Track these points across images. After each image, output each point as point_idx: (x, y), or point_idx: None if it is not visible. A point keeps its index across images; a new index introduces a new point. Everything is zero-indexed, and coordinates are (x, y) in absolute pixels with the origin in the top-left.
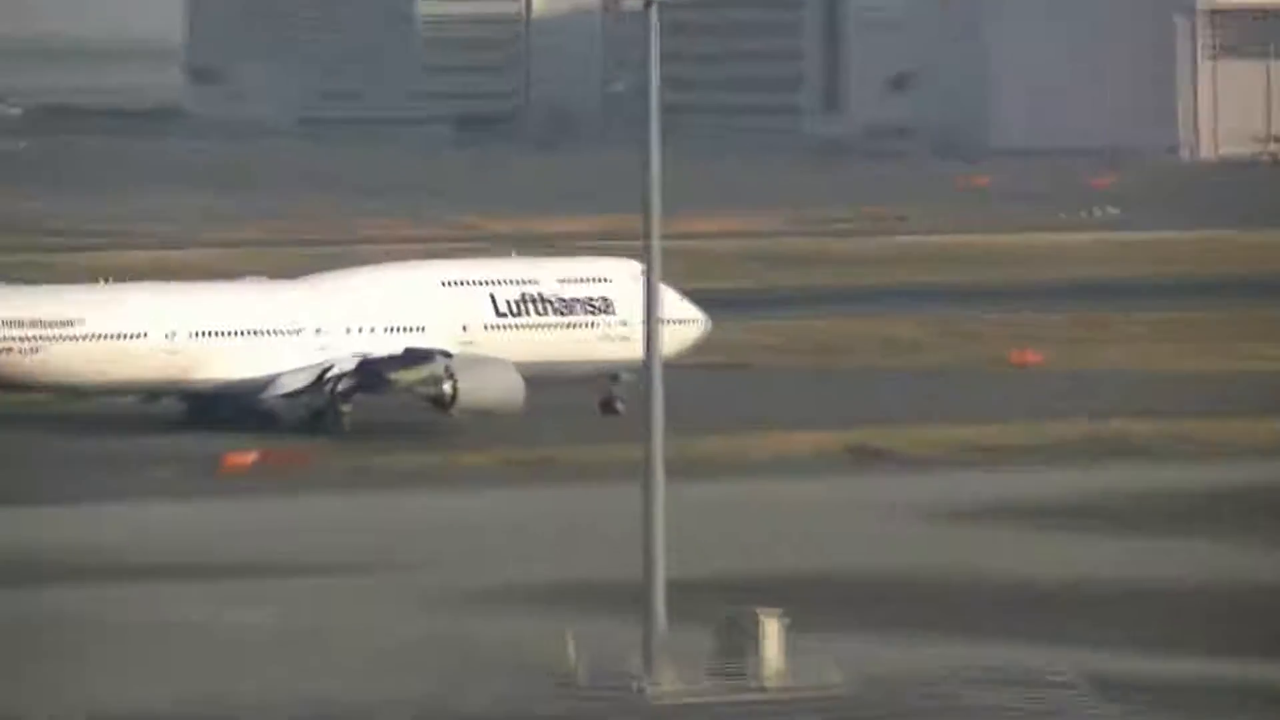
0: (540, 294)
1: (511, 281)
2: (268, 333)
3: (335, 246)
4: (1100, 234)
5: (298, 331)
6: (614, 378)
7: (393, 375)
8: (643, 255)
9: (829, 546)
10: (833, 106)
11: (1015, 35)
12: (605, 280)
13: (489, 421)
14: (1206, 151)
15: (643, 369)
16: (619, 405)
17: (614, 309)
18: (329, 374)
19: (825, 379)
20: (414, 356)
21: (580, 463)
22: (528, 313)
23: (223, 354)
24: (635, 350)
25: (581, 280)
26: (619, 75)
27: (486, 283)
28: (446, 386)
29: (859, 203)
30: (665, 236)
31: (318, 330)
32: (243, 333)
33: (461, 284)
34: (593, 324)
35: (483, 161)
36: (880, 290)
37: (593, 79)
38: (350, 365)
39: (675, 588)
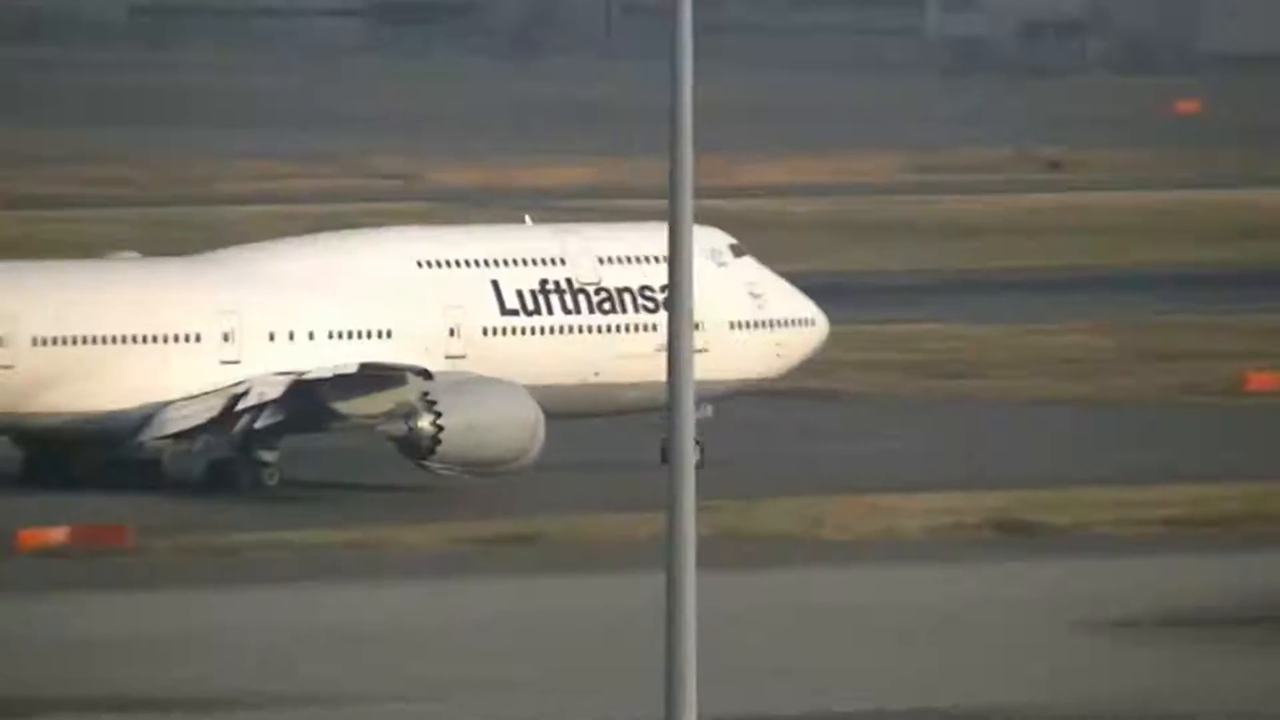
0: (570, 280)
1: (525, 261)
2: (148, 339)
3: (174, 206)
4: None
5: (194, 338)
6: None
7: (340, 405)
8: (676, 219)
9: (975, 674)
10: None
11: None
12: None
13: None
14: None
15: (670, 398)
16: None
17: None
18: (243, 403)
19: (950, 414)
20: (374, 377)
21: (585, 540)
22: (549, 309)
23: (79, 373)
24: (717, 367)
25: (633, 259)
26: None
27: (487, 263)
28: (423, 423)
29: (1004, 140)
30: (707, 192)
31: (225, 336)
32: (110, 339)
33: (449, 264)
34: (651, 326)
35: (420, 73)
36: (1037, 277)
37: None
38: (275, 390)
39: None
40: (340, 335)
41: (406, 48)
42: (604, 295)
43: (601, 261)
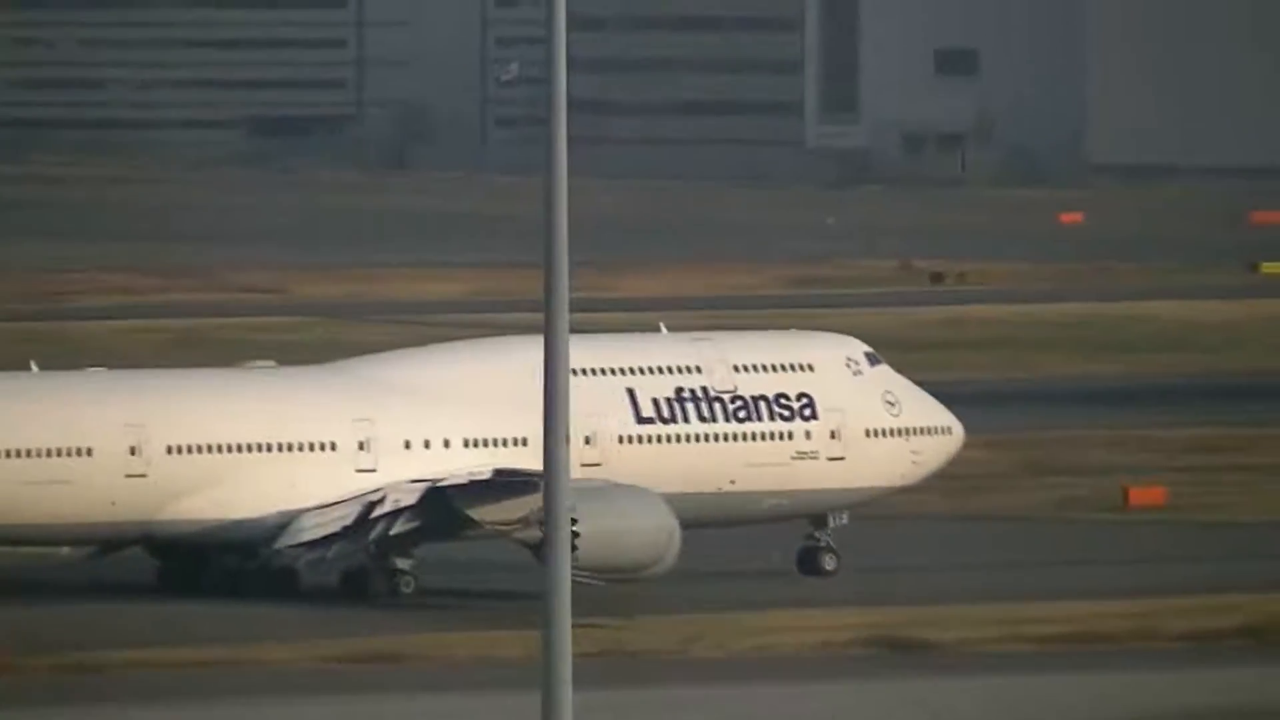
0: (706, 389)
1: (661, 369)
2: (283, 448)
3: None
4: (1272, 301)
5: (330, 445)
6: (818, 520)
7: (474, 512)
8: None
9: None
10: (846, 104)
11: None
12: (806, 368)
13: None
14: None
15: (546, 511)
16: (827, 562)
17: (819, 412)
18: (377, 510)
19: (837, 531)
20: (509, 484)
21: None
22: (685, 417)
23: (214, 480)
24: (852, 476)
25: (770, 368)
26: (512, 59)
27: (622, 371)
28: None
29: (883, 253)
30: (584, 305)
31: (361, 444)
32: (245, 448)
33: (584, 372)
34: (786, 435)
35: (292, 185)
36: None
37: (469, 63)
38: (410, 497)
39: None
40: (475, 443)
41: (279, 160)
42: (739, 403)
43: (736, 369)
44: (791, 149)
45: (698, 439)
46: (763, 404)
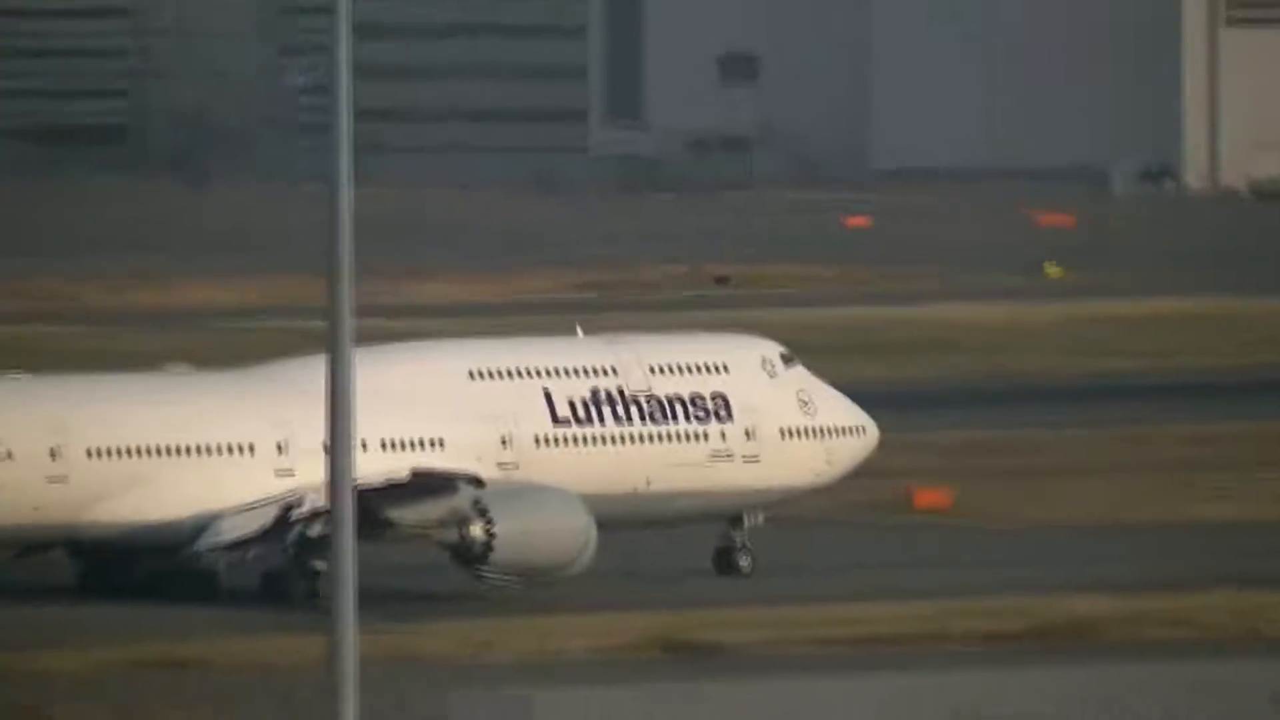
0: (622, 390)
1: (577, 371)
2: (201, 450)
3: None
4: (1056, 304)
5: (248, 448)
6: (735, 520)
7: (393, 513)
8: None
9: None
10: (630, 110)
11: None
12: (721, 369)
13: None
14: (1200, 178)
15: (333, 518)
16: (743, 562)
17: (735, 413)
18: (295, 513)
19: (624, 537)
20: (426, 485)
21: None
22: (602, 419)
23: (132, 482)
24: (767, 476)
25: (686, 369)
26: (300, 65)
27: (539, 373)
28: (475, 530)
29: (673, 257)
30: (372, 311)
31: (279, 446)
32: (162, 451)
33: (501, 375)
34: (702, 435)
35: (77, 195)
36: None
37: (249, 67)
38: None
39: None
40: (393, 446)
41: (63, 170)
42: (655, 404)
43: (652, 371)
44: (577, 155)
45: (614, 440)
46: (678, 405)
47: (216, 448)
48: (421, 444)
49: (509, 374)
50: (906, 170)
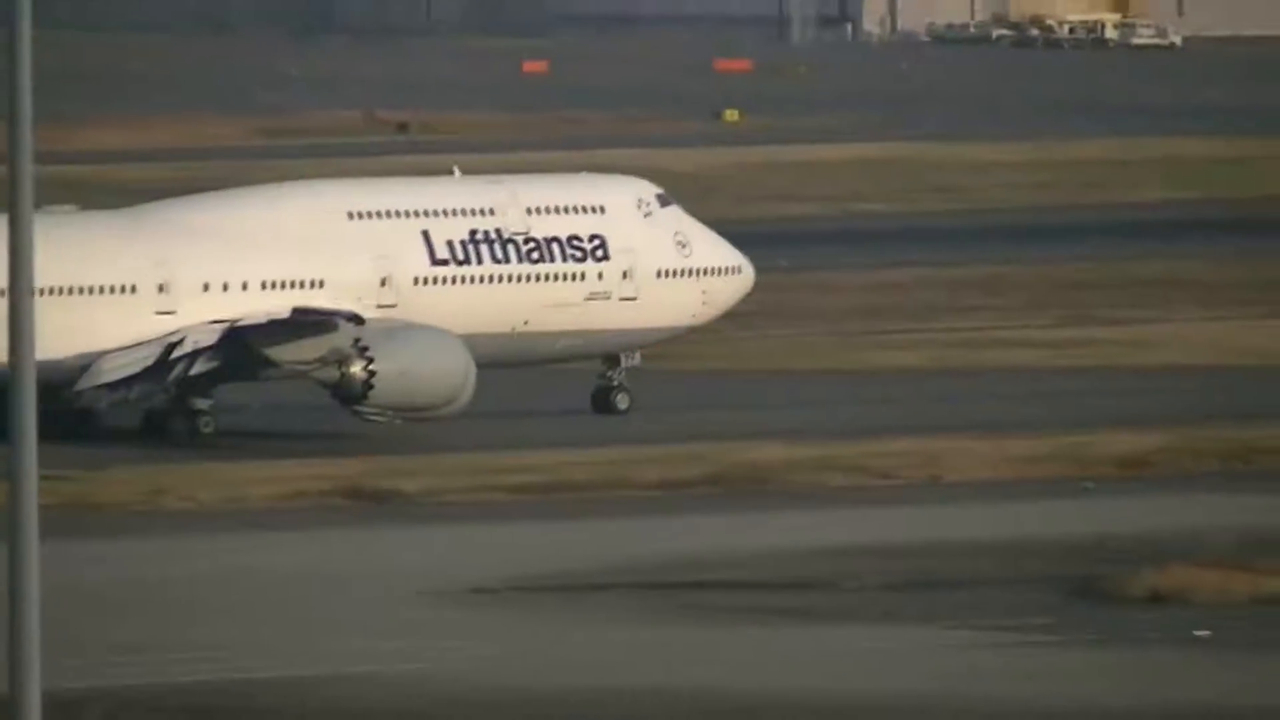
0: (500, 230)
1: (457, 212)
2: (83, 291)
3: None
4: (734, 149)
5: (130, 288)
6: (611, 360)
7: (273, 352)
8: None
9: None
10: None
11: None
12: (597, 209)
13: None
14: (878, 23)
15: (12, 372)
16: (620, 400)
17: (611, 253)
18: (177, 351)
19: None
20: (306, 323)
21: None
22: (479, 259)
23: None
24: (644, 316)
25: (562, 210)
26: None
27: (418, 214)
28: (355, 368)
29: (348, 104)
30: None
31: (160, 286)
32: (45, 291)
33: (380, 215)
34: (579, 275)
35: None
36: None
37: None
38: (210, 338)
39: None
40: (273, 285)
41: None
42: (532, 244)
43: (530, 212)
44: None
45: (492, 280)
46: (555, 245)
47: (97, 288)
48: (301, 284)
49: (388, 214)
50: (586, 16)
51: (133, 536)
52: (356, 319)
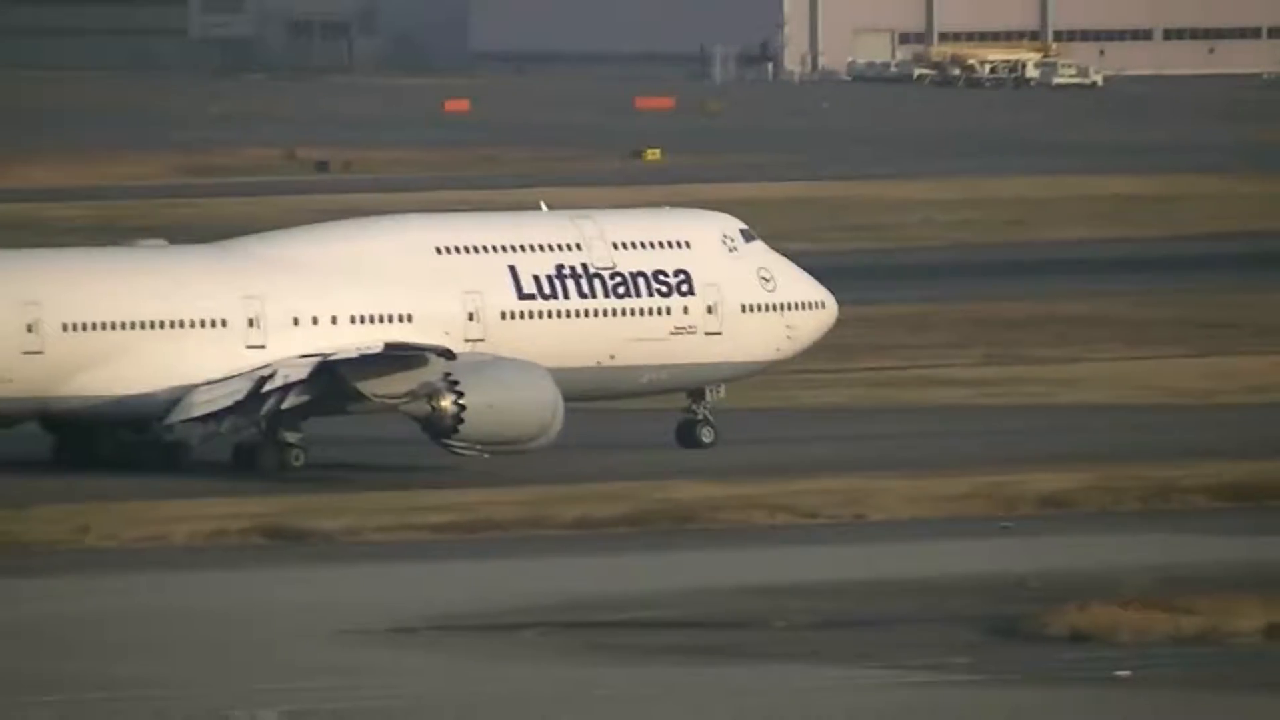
0: (585, 265)
1: (542, 247)
2: (174, 325)
3: None
4: (654, 187)
5: (220, 322)
6: (695, 394)
7: (364, 385)
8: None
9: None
10: None
11: None
12: (683, 244)
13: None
14: (800, 62)
15: None
16: (704, 435)
17: (696, 288)
18: (268, 385)
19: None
20: (397, 358)
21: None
22: (566, 293)
23: (107, 357)
24: (729, 350)
25: (648, 244)
26: None
27: (504, 248)
28: (446, 402)
29: (268, 142)
30: None
31: (250, 320)
32: (137, 325)
33: (467, 250)
34: (665, 310)
35: None
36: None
37: None
38: (300, 372)
39: None
40: (362, 319)
41: None
42: (618, 279)
43: (615, 246)
44: (176, 38)
45: (578, 314)
46: (641, 280)
47: (189, 322)
48: (390, 318)
49: (475, 249)
50: (508, 55)
51: (51, 575)
52: (448, 354)
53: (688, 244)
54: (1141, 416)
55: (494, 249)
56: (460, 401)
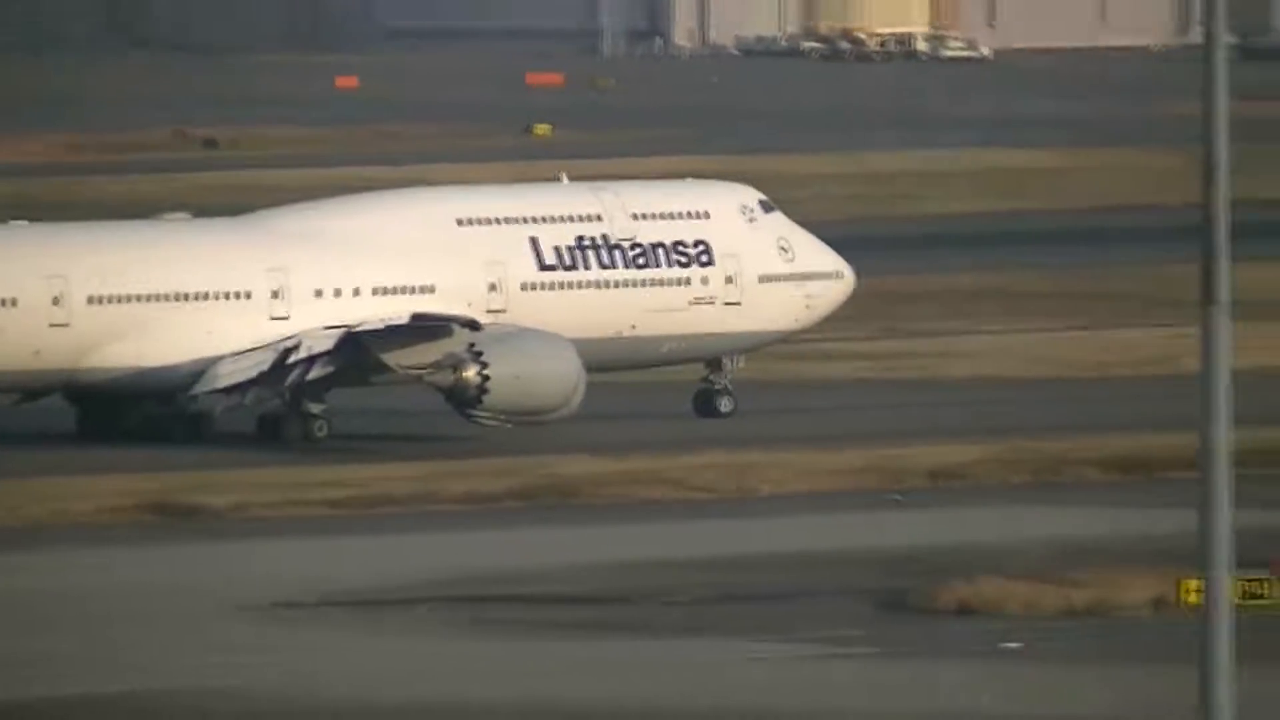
0: (606, 236)
1: (563, 218)
2: (200, 297)
3: None
4: (542, 163)
5: (245, 294)
6: (714, 364)
7: (389, 357)
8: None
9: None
10: None
11: None
12: (702, 215)
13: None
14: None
15: None
16: (722, 404)
17: (716, 258)
18: (293, 357)
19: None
20: (422, 329)
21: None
22: (586, 264)
23: (133, 329)
24: (748, 320)
25: (668, 216)
26: None
27: (525, 220)
28: (470, 373)
29: (156, 121)
30: None
31: (275, 292)
32: (162, 297)
33: (489, 222)
34: (684, 280)
35: None
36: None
37: None
38: (325, 343)
39: None
40: (385, 291)
41: None
42: (638, 250)
43: (635, 218)
44: (77, 12)
45: (598, 285)
46: (661, 251)
47: (213, 294)
48: (413, 290)
49: (497, 221)
50: (400, 31)
51: None
52: (473, 324)
53: (707, 214)
54: (1033, 390)
55: (515, 220)
56: (485, 373)
